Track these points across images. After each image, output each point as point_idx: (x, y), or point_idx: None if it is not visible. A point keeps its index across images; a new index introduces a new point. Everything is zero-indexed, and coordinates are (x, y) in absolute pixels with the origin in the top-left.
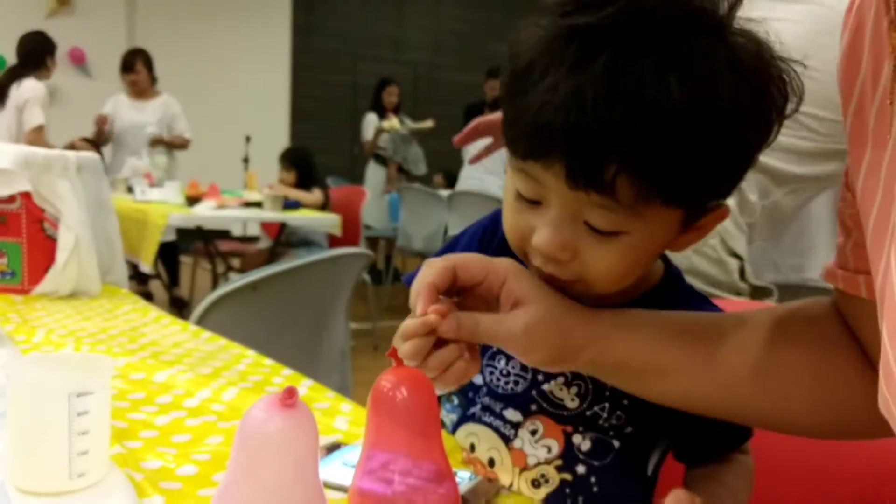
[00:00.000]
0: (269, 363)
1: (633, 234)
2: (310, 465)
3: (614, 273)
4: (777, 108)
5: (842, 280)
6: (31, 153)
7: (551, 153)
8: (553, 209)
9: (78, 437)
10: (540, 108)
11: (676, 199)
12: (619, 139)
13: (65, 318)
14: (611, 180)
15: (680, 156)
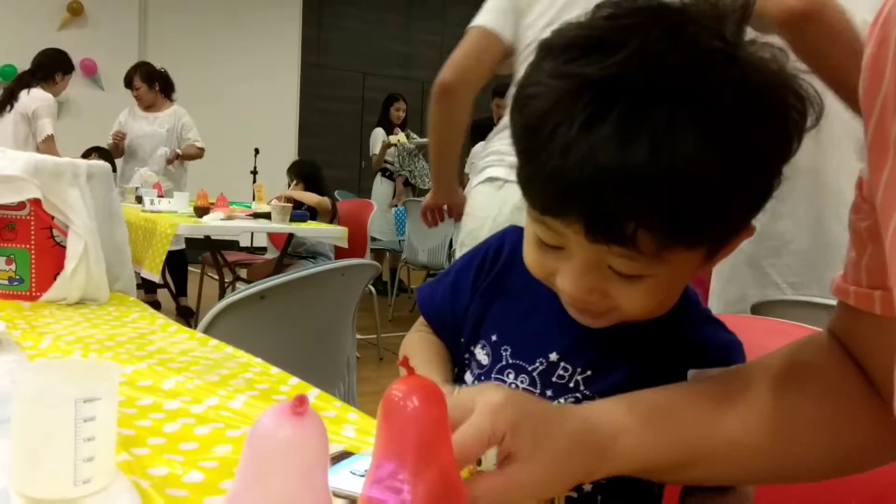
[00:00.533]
0: (276, 372)
1: (658, 275)
2: (319, 473)
3: (646, 309)
4: (797, 126)
5: (854, 296)
6: (41, 160)
7: (569, 213)
8: (576, 258)
9: (84, 444)
10: (554, 171)
11: (700, 243)
12: (637, 197)
13: (73, 325)
14: (631, 235)
15: (701, 206)
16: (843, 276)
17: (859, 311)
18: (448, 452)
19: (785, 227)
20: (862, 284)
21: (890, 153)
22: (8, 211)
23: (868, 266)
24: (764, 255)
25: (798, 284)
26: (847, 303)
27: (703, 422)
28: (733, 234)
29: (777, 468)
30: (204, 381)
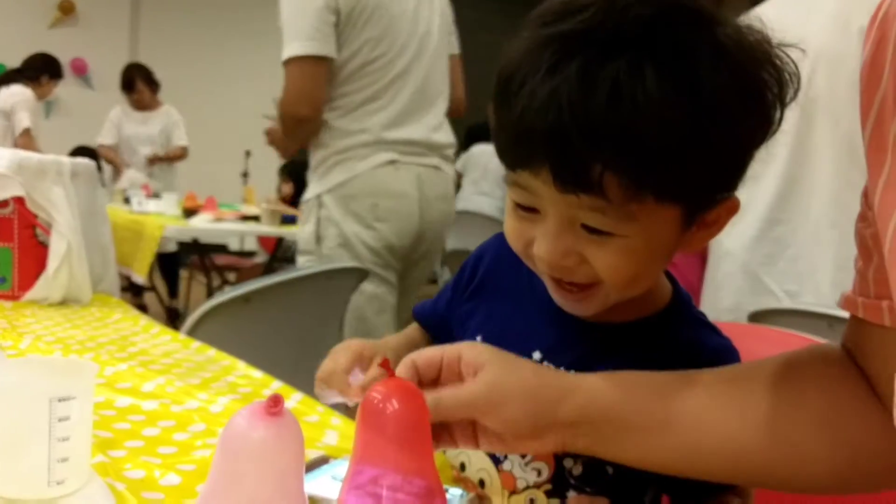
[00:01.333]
0: (259, 375)
1: (632, 235)
2: (294, 476)
3: (623, 272)
4: (774, 93)
5: (862, 308)
6: (25, 158)
7: (535, 159)
8: (550, 218)
9: (58, 444)
10: (520, 116)
11: (669, 195)
12: (599, 137)
13: (54, 326)
14: (598, 180)
15: (664, 150)
16: (852, 288)
17: (868, 324)
18: (428, 455)
19: (781, 234)
20: (870, 295)
21: (888, 154)
22: None
23: (875, 276)
24: (759, 261)
25: (794, 292)
26: (856, 315)
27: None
28: (707, 197)
29: (771, 468)
30: (185, 384)
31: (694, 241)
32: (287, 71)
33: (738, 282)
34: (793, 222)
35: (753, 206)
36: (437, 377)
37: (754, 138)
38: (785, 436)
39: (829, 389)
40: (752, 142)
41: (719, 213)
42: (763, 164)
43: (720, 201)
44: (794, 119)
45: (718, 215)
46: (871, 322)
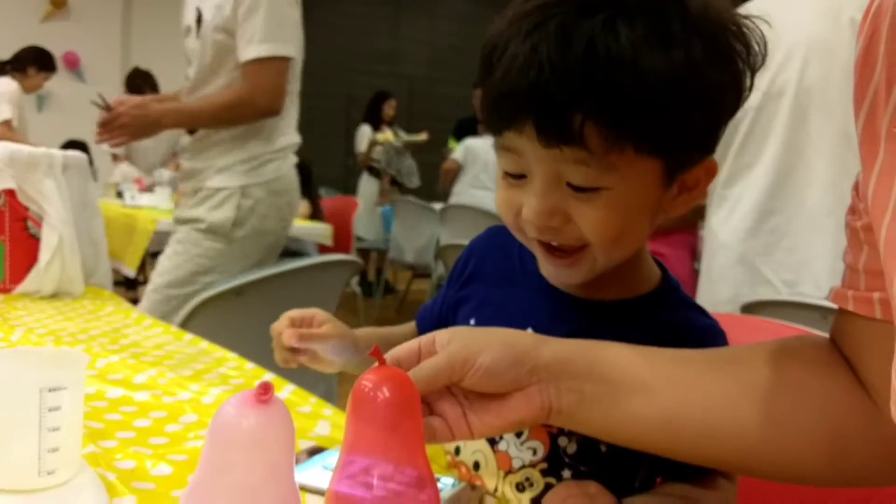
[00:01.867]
0: (252, 367)
1: (614, 188)
2: (284, 464)
3: (608, 230)
4: (743, 59)
5: (852, 301)
6: (17, 150)
7: (519, 116)
8: (536, 178)
9: (48, 434)
10: (503, 77)
11: (647, 146)
12: (578, 89)
13: (46, 318)
14: (578, 130)
15: (639, 99)
16: (841, 282)
17: (858, 317)
18: (419, 443)
19: (777, 224)
20: (860, 288)
21: (881, 147)
22: None
23: (866, 268)
24: (756, 252)
25: (792, 282)
26: (846, 308)
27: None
28: (685, 154)
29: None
30: (177, 376)
31: (677, 203)
32: (267, 67)
33: (735, 273)
34: (788, 212)
35: (748, 198)
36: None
37: (726, 101)
38: (768, 417)
39: (815, 376)
40: (724, 104)
41: (699, 175)
42: (756, 154)
43: (698, 161)
44: (786, 110)
45: (698, 178)
46: (861, 315)
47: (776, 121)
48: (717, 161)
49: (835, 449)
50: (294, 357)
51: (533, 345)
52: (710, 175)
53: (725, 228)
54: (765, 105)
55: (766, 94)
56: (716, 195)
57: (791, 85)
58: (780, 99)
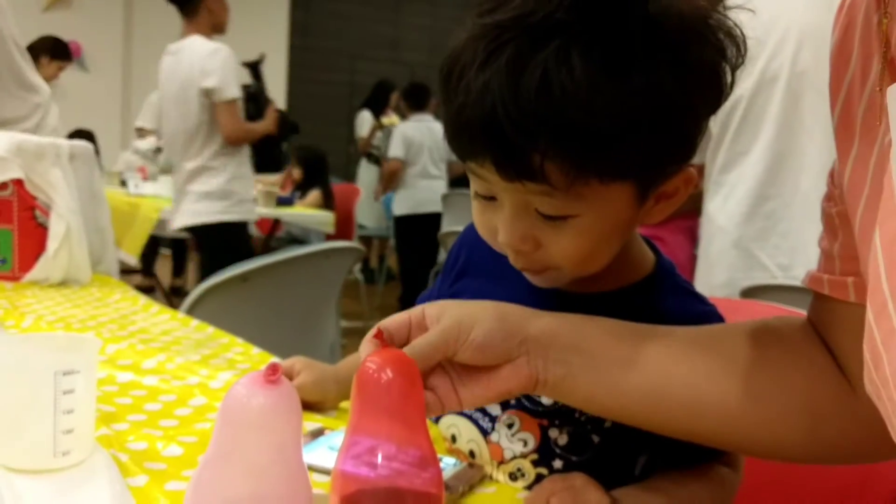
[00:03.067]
0: (258, 352)
1: (584, 215)
2: (292, 443)
3: (578, 255)
4: (722, 57)
5: (828, 285)
6: (24, 140)
7: (477, 152)
8: (505, 204)
9: (63, 416)
10: (458, 110)
11: (614, 175)
12: (532, 127)
13: (55, 306)
14: (539, 168)
15: (597, 135)
16: (817, 266)
17: (833, 301)
18: (422, 424)
19: (772, 209)
20: (835, 272)
21: (855, 138)
22: None
23: (840, 253)
24: (752, 237)
25: (787, 266)
26: (822, 292)
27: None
28: (657, 172)
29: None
30: (185, 360)
31: (654, 212)
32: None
33: (731, 258)
34: (783, 197)
35: (743, 183)
36: (407, 340)
37: (699, 108)
38: (748, 392)
39: (793, 355)
40: (699, 112)
41: (677, 184)
42: (750, 140)
43: (674, 173)
44: (780, 95)
45: (677, 187)
46: (836, 298)
47: (770, 106)
48: (713, 148)
49: (811, 425)
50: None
51: (523, 317)
52: (689, 183)
53: (722, 213)
54: (759, 91)
55: (760, 79)
56: (712, 181)
57: (784, 70)
58: (773, 84)
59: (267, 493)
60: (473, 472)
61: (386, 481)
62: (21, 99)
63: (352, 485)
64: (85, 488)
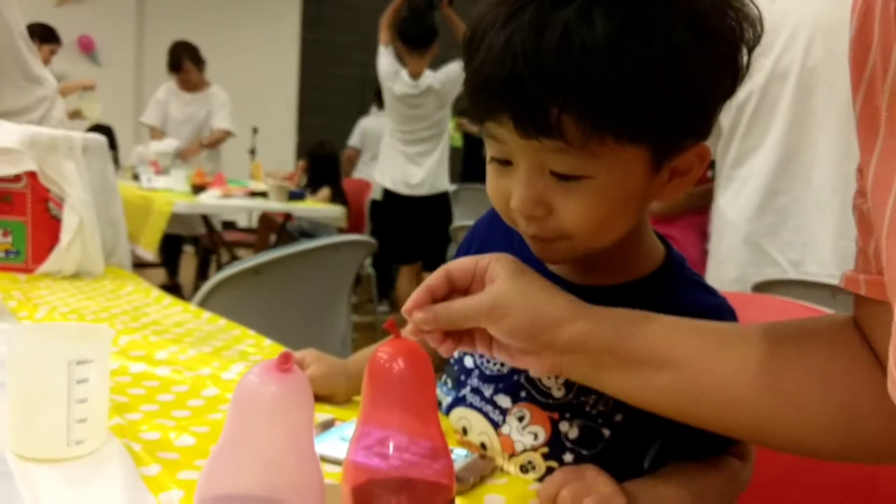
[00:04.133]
0: (269, 344)
1: (598, 176)
2: (304, 430)
3: (589, 221)
4: (738, 37)
5: (865, 285)
6: (37, 133)
7: (496, 108)
8: (520, 166)
9: (77, 405)
10: (479, 68)
11: (629, 135)
12: (552, 81)
13: (68, 297)
14: (556, 123)
15: (615, 90)
16: (854, 266)
17: (871, 301)
18: (433, 415)
19: (783, 204)
20: (871, 272)
21: (880, 128)
22: (4, 183)
23: (876, 252)
24: (762, 232)
25: (798, 261)
26: (859, 293)
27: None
28: (671, 141)
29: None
30: (198, 352)
31: (668, 189)
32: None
33: (741, 253)
34: (794, 192)
35: (754, 178)
36: (469, 285)
37: (716, 83)
38: (783, 388)
39: (834, 353)
40: (712, 89)
41: (691, 160)
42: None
43: (688, 147)
44: (791, 90)
45: (691, 164)
46: (874, 299)
47: (781, 101)
48: (724, 143)
49: (849, 425)
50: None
51: (557, 319)
52: (703, 161)
53: (732, 209)
54: (770, 86)
55: (771, 75)
56: (723, 176)
57: (795, 65)
58: (784, 79)
59: (280, 481)
60: (485, 463)
61: (397, 472)
62: (26, 91)
63: (363, 475)
64: (98, 477)
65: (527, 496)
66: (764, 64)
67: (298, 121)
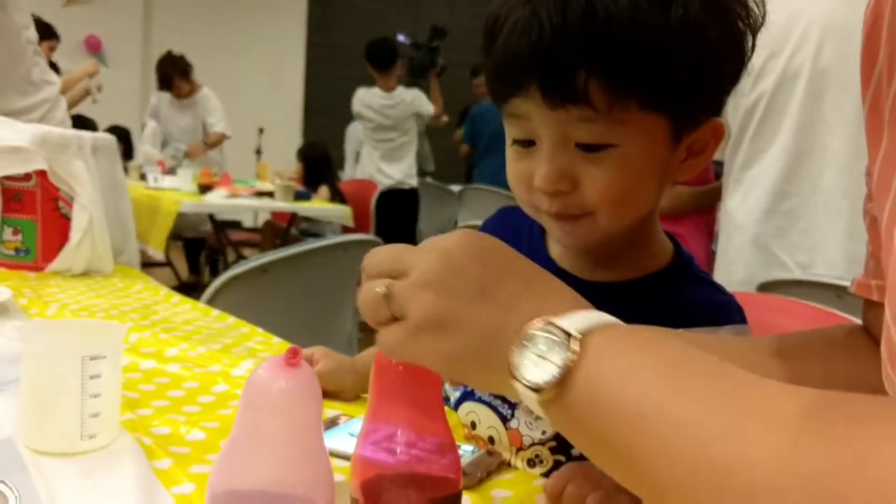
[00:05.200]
0: (278, 341)
1: (621, 145)
2: (313, 425)
3: (613, 194)
4: (742, 19)
5: (877, 291)
6: (48, 132)
7: (523, 79)
8: (544, 142)
9: (90, 400)
10: (505, 43)
11: (652, 101)
12: (579, 47)
13: (78, 295)
14: (583, 88)
15: (640, 54)
16: (864, 272)
17: (882, 306)
18: (440, 411)
19: (791, 206)
20: (882, 277)
21: (884, 134)
22: (14, 182)
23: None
24: (771, 234)
25: (806, 264)
26: (870, 299)
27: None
28: (690, 112)
29: None
30: (207, 349)
31: (684, 168)
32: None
33: (749, 255)
34: (803, 195)
35: (763, 180)
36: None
37: (726, 59)
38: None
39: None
40: (724, 62)
41: (706, 137)
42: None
43: (704, 121)
44: (801, 92)
45: (706, 142)
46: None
47: (791, 103)
48: (734, 145)
49: None
50: None
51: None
52: (717, 138)
53: (741, 211)
54: (780, 88)
55: (782, 76)
56: (732, 178)
57: (806, 67)
58: (795, 81)
59: (290, 476)
60: (492, 459)
61: (405, 466)
62: (30, 94)
63: (371, 470)
64: (111, 470)
65: (533, 491)
66: (775, 65)
67: (304, 121)
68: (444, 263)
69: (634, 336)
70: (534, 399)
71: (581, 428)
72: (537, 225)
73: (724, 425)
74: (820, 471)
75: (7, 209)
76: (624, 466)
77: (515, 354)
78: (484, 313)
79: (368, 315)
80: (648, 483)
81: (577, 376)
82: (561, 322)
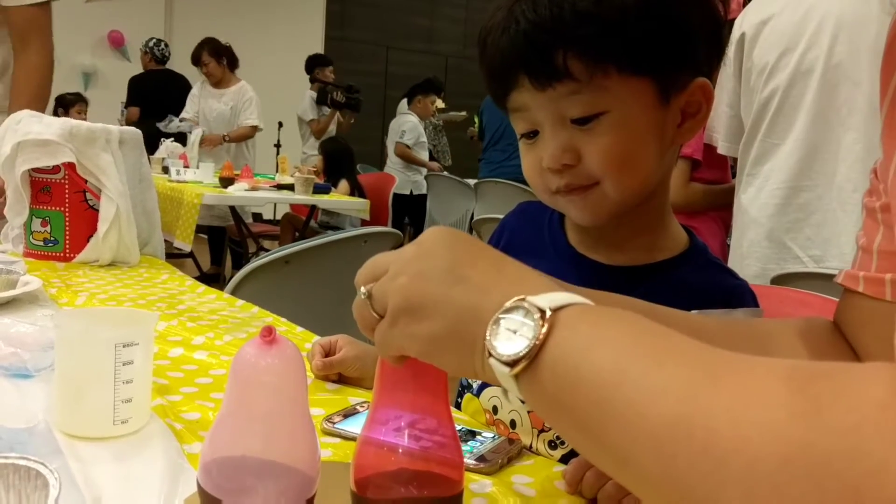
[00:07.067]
0: (301, 331)
1: (611, 111)
2: (297, 397)
3: (614, 158)
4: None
5: (863, 283)
6: (76, 125)
7: (512, 72)
8: (545, 127)
9: (122, 386)
10: (492, 45)
11: (628, 64)
12: (552, 29)
13: (105, 285)
14: (563, 64)
15: (606, 22)
16: (852, 264)
17: (867, 298)
18: (444, 398)
19: (806, 200)
20: (871, 269)
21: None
22: (43, 174)
23: (881, 248)
24: (785, 228)
25: (820, 258)
26: (856, 290)
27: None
28: (669, 72)
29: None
30: (233, 338)
31: (684, 131)
32: None
33: (763, 249)
34: (818, 189)
35: (777, 175)
36: None
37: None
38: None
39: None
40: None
41: (697, 98)
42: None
43: (688, 81)
44: (815, 87)
45: (699, 103)
46: (870, 296)
47: (805, 98)
48: (747, 140)
49: None
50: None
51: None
52: (708, 99)
53: (755, 205)
54: (794, 83)
55: (796, 71)
56: (745, 173)
57: (820, 62)
58: (809, 76)
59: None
60: (512, 446)
61: (407, 462)
62: None
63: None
64: (143, 454)
65: (553, 477)
66: (789, 61)
67: None
68: (414, 253)
69: (607, 312)
70: (507, 374)
71: (553, 402)
72: (557, 215)
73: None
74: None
75: (36, 201)
76: (595, 438)
77: (491, 331)
78: (457, 293)
79: (359, 323)
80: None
81: (548, 348)
82: (535, 299)
